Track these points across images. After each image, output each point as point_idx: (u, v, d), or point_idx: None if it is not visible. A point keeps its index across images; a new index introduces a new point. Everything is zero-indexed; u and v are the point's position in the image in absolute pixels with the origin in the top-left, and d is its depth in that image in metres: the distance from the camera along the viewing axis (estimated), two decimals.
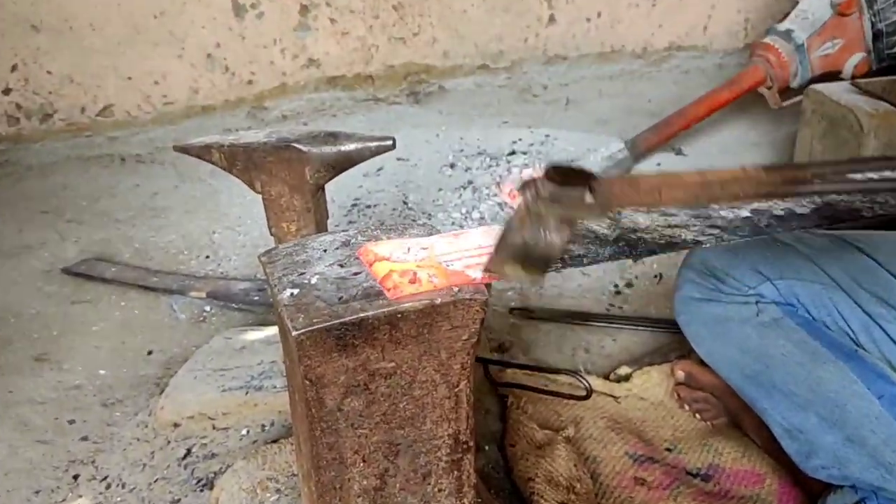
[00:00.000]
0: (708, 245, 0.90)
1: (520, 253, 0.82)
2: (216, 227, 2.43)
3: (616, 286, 2.07)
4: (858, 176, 0.79)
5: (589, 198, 0.80)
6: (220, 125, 3.06)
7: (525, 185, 0.81)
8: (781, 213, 0.88)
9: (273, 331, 1.72)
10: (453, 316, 0.84)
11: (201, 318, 1.96)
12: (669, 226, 0.95)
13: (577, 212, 0.79)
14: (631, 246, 0.91)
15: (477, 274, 0.85)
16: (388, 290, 0.83)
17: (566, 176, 0.81)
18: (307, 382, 0.83)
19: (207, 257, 2.26)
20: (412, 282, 0.83)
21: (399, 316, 0.82)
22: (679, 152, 2.81)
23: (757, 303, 1.30)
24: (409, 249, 0.89)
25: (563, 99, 3.38)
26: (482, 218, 2.32)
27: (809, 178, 0.83)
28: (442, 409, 0.89)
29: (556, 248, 0.81)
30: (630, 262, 2.13)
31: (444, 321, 0.84)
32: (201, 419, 1.49)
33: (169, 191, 2.65)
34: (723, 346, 1.34)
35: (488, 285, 0.86)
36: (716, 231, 0.91)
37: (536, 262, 0.82)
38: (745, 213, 0.89)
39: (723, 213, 0.90)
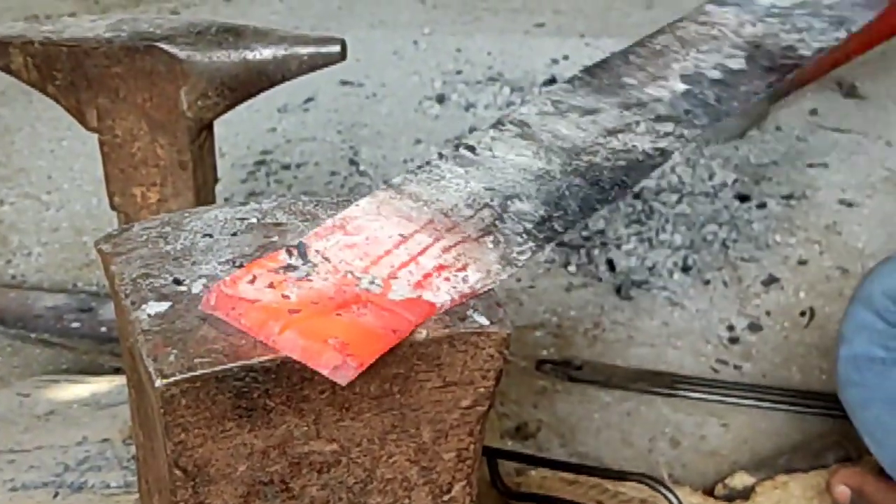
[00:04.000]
0: None
1: None
2: (6, 193, 2.43)
3: (731, 328, 2.08)
4: None
5: None
6: (22, 6, 3.04)
7: None
8: None
9: (109, 383, 1.72)
10: (448, 363, 0.85)
11: None
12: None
13: None
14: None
15: (440, 297, 0.84)
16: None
17: None
18: (178, 474, 0.83)
19: None
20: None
21: None
22: (852, 92, 2.84)
23: None
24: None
25: None
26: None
27: None
28: None
29: None
30: (759, 286, 2.14)
31: (431, 372, 0.85)
32: None
33: None
34: None
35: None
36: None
37: None
38: None
39: None
